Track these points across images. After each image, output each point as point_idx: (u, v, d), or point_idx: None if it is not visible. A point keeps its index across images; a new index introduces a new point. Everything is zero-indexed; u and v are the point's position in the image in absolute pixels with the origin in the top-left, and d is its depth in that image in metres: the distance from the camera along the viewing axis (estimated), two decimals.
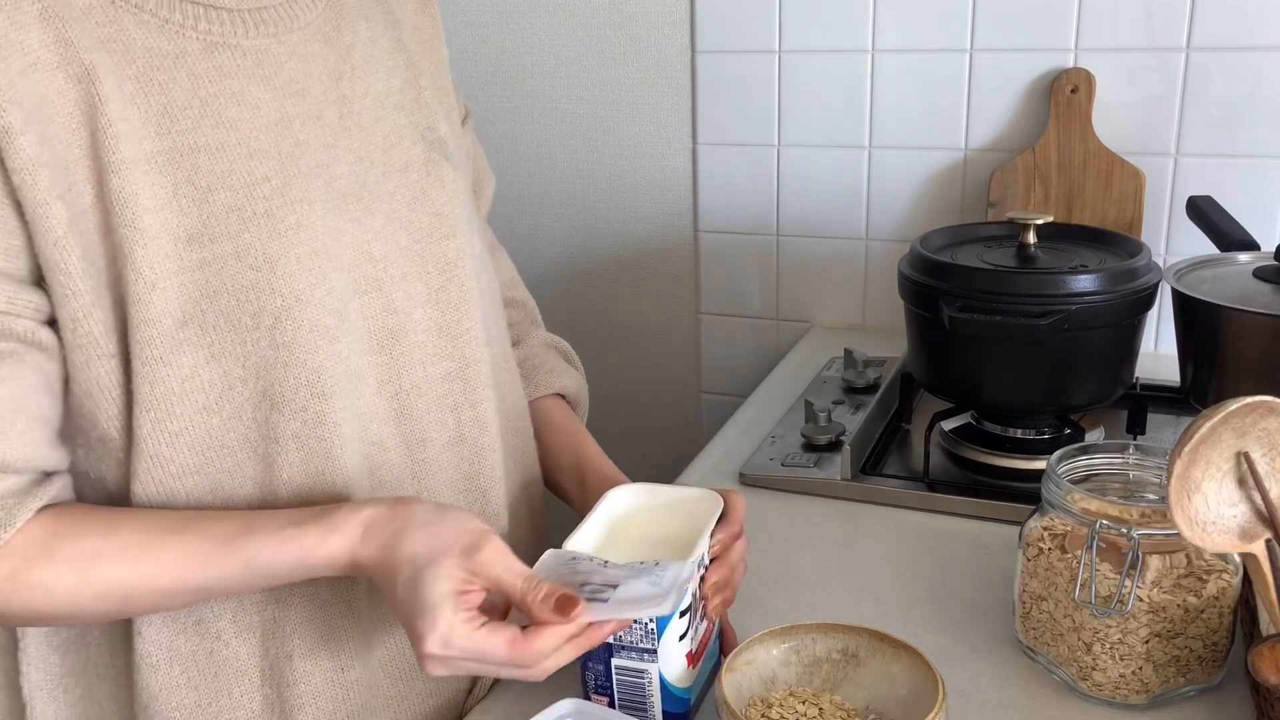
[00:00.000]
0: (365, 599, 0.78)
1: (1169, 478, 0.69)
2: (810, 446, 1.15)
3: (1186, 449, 0.68)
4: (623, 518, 0.81)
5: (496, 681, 0.84)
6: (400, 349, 0.79)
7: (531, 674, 0.66)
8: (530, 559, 0.93)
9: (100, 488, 0.73)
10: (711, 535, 0.76)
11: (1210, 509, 0.70)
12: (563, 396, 1.02)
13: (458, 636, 0.64)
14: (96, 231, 0.67)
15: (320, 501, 0.74)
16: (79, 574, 0.67)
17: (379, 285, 0.77)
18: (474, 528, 0.68)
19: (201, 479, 0.71)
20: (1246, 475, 0.70)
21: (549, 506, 1.00)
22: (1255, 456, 0.70)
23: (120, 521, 0.69)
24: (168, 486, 0.71)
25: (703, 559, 0.75)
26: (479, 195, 0.98)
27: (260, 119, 0.72)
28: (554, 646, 0.65)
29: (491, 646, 0.64)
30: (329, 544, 0.68)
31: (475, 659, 0.65)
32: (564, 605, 0.65)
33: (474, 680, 0.86)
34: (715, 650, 0.79)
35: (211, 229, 0.69)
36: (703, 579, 0.75)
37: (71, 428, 0.71)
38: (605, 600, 0.66)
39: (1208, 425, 0.68)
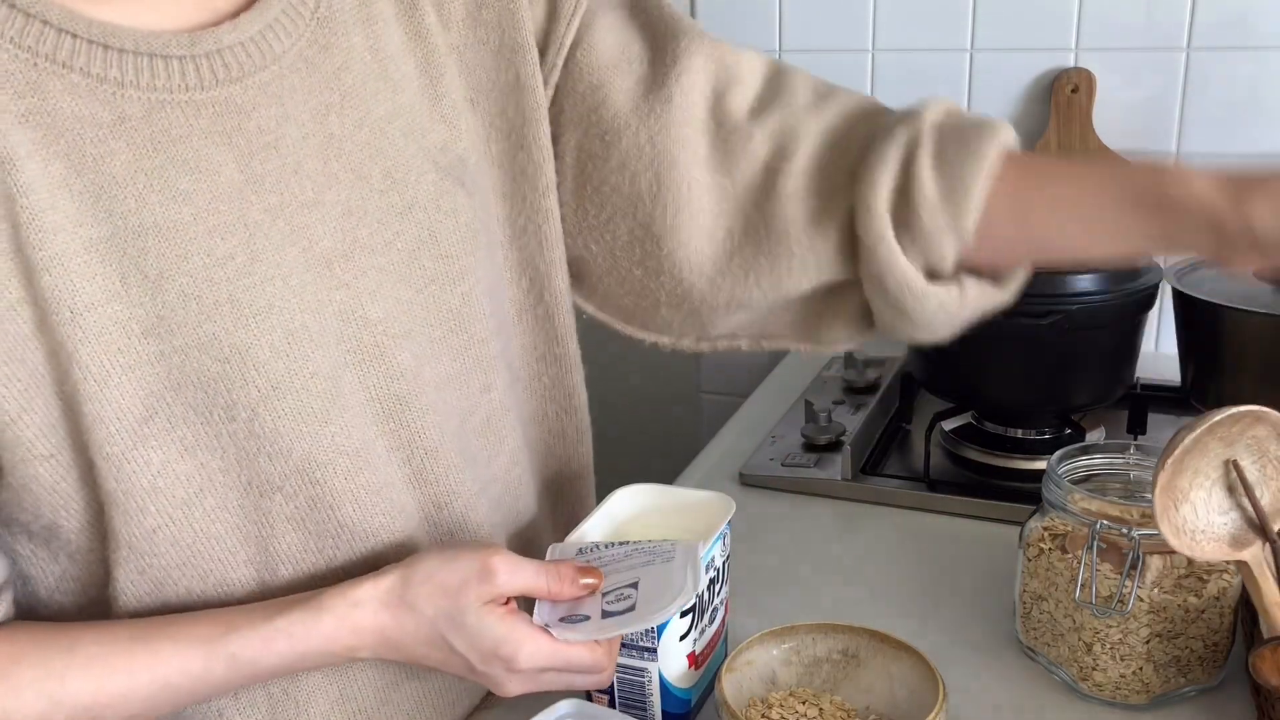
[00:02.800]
0: None
1: (1154, 489, 0.68)
2: (810, 446, 1.15)
3: (1170, 460, 0.68)
4: (629, 518, 0.81)
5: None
6: (410, 415, 0.70)
7: (603, 678, 0.68)
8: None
9: (51, 571, 0.67)
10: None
11: (1200, 517, 0.70)
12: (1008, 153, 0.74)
13: (544, 652, 0.65)
14: (29, 325, 0.58)
15: (324, 576, 0.70)
16: (46, 698, 0.61)
17: (378, 352, 0.68)
18: (473, 555, 0.65)
19: (190, 570, 0.66)
20: (1236, 483, 0.70)
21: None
22: (1245, 464, 0.70)
23: (81, 636, 0.63)
24: (153, 576, 0.65)
25: (712, 561, 0.74)
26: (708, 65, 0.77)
27: (219, 186, 0.62)
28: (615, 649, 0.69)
29: (576, 656, 0.65)
30: (321, 628, 0.64)
31: (562, 667, 0.66)
32: (589, 578, 0.68)
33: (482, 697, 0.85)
34: (722, 654, 0.79)
35: (168, 321, 0.61)
36: (711, 584, 0.75)
37: (6, 519, 0.64)
38: (632, 606, 0.67)
39: (1190, 437, 0.68)
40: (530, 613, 0.67)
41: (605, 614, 0.66)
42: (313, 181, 0.66)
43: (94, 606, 0.68)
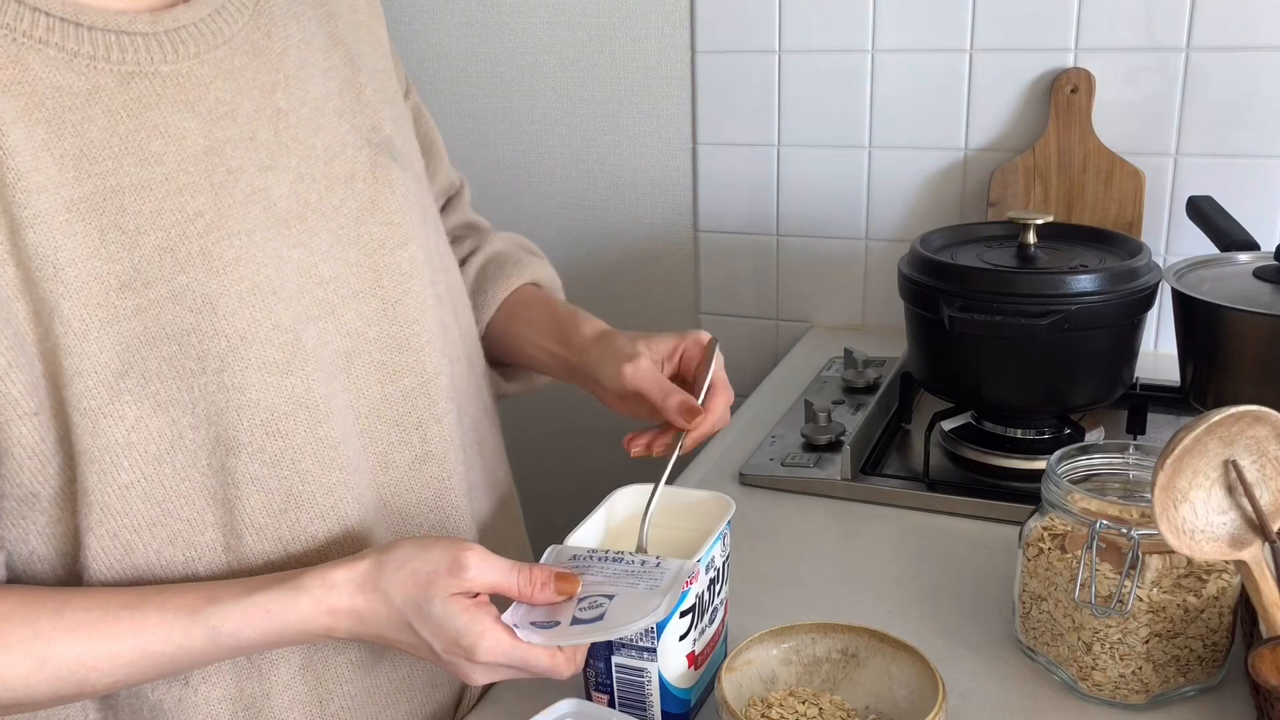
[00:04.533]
0: None
1: (1153, 489, 0.68)
2: (810, 446, 1.15)
3: (1170, 460, 0.68)
4: (629, 518, 0.81)
5: (485, 693, 0.84)
6: (356, 371, 0.76)
7: (564, 677, 0.69)
8: None
9: (19, 552, 0.68)
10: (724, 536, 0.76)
11: (1199, 517, 0.70)
12: (536, 285, 1.01)
13: (503, 648, 0.66)
14: (13, 287, 0.62)
15: (288, 541, 0.72)
16: (34, 658, 0.63)
17: (331, 308, 0.74)
18: (447, 548, 0.67)
19: (160, 530, 0.68)
20: (1235, 483, 0.70)
21: (531, 513, 1.00)
22: (1244, 464, 0.70)
23: (69, 600, 0.65)
24: (124, 539, 0.67)
25: (712, 561, 0.74)
26: (431, 158, 0.95)
27: (187, 149, 0.68)
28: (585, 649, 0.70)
29: (534, 657, 0.66)
30: (298, 607, 0.67)
31: (520, 666, 0.67)
32: (564, 585, 0.68)
33: (462, 693, 0.86)
34: (722, 654, 0.79)
35: (145, 274, 0.65)
36: (711, 584, 0.75)
37: None
38: (601, 616, 0.67)
39: (1190, 437, 0.68)
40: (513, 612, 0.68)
41: (575, 620, 0.67)
42: (267, 149, 0.72)
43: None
